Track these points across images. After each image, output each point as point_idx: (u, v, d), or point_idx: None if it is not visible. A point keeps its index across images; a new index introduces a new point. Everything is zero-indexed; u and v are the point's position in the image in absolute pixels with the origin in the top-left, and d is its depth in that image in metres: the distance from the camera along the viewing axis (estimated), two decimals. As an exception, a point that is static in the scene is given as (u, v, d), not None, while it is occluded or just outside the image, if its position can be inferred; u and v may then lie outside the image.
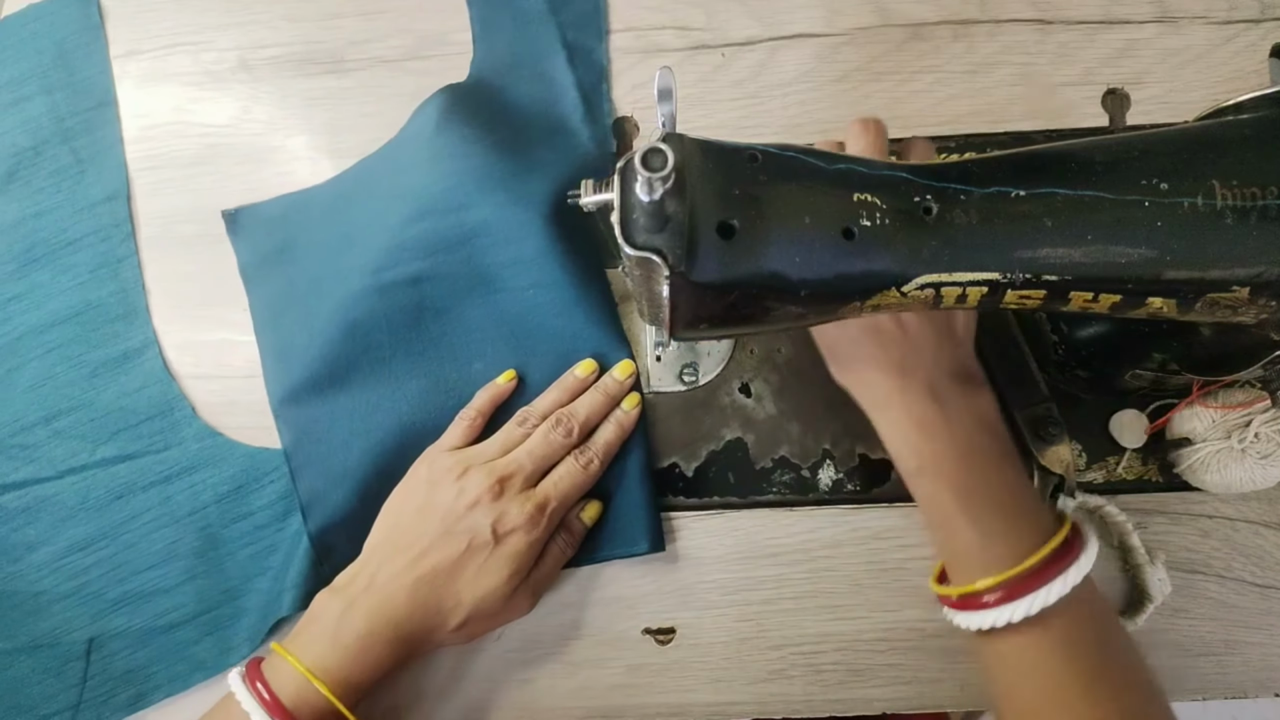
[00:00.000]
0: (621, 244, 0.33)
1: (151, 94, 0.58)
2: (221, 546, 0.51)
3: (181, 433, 0.53)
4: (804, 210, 0.33)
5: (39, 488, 0.52)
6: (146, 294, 0.55)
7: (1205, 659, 0.48)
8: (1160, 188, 0.33)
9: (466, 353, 0.52)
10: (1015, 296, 0.35)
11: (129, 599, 0.50)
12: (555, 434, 0.47)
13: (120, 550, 0.51)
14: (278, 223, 0.55)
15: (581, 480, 0.48)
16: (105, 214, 0.56)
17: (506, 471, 0.46)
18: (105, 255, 0.55)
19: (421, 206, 0.52)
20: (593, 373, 0.51)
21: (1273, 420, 0.45)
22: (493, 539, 0.44)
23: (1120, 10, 0.55)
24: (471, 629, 0.46)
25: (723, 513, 0.51)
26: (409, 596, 0.44)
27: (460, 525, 0.45)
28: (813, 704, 0.49)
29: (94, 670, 0.50)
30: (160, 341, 0.54)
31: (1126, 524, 0.48)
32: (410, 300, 0.52)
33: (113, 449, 0.52)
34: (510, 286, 0.52)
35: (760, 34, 0.56)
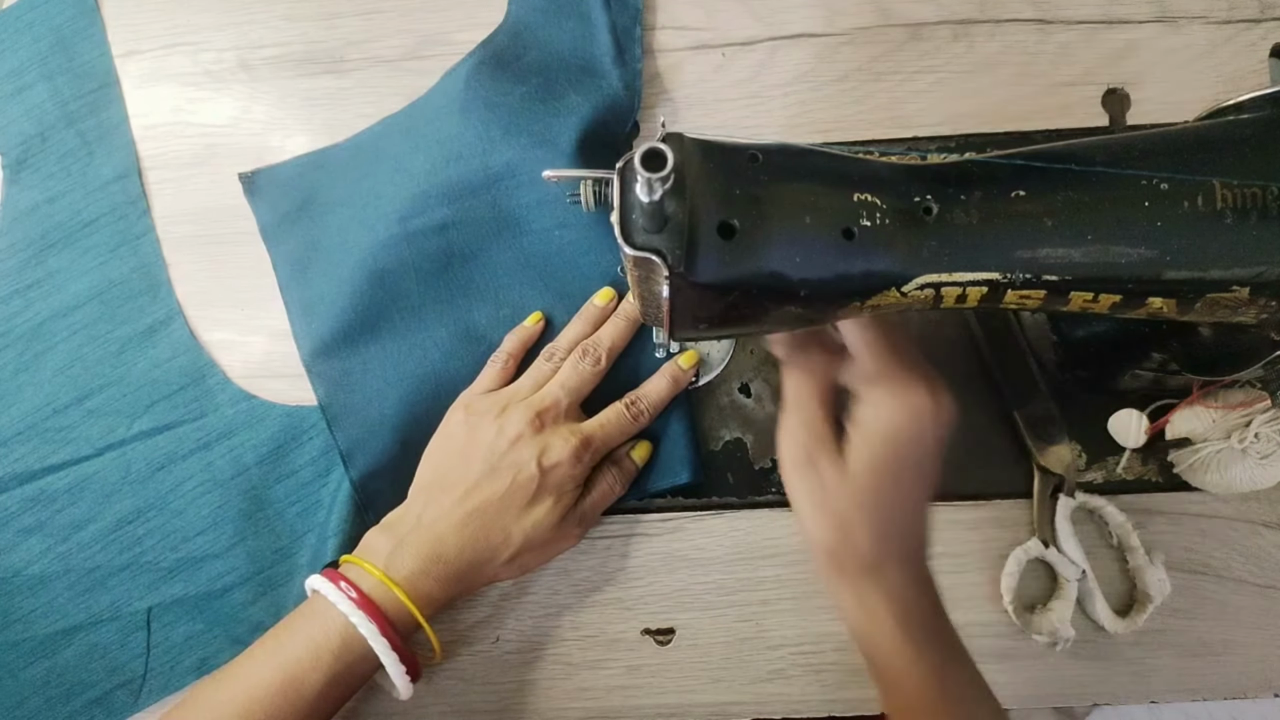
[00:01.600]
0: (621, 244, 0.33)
1: (150, 94, 0.58)
2: (268, 507, 0.51)
3: (216, 398, 0.53)
4: (804, 210, 0.33)
5: (79, 467, 0.52)
6: (167, 267, 0.55)
7: (1205, 659, 0.48)
8: (1160, 188, 0.33)
9: (495, 297, 0.52)
10: (1015, 296, 0.35)
11: (183, 566, 0.51)
12: (584, 364, 0.48)
13: (169, 519, 0.51)
14: (296, 181, 0.55)
15: (629, 427, 0.48)
16: (118, 192, 0.56)
17: (543, 405, 0.46)
18: (123, 233, 0.56)
19: (448, 153, 0.52)
20: (612, 300, 0.51)
21: (1273, 420, 0.45)
22: (538, 472, 0.45)
23: (1120, 10, 0.55)
24: (523, 561, 0.46)
25: (722, 513, 0.51)
26: (458, 534, 0.44)
27: (504, 461, 0.45)
28: (812, 704, 0.49)
29: (156, 639, 0.50)
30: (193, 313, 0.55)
31: (1126, 524, 0.48)
32: (438, 247, 0.52)
33: (149, 421, 0.53)
34: (536, 228, 0.52)
35: (760, 34, 0.56)
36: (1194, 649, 0.48)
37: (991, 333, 0.50)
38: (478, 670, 0.50)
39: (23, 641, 0.50)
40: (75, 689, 0.50)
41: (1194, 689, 0.48)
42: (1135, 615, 0.47)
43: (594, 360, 0.48)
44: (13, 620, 0.51)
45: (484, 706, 0.49)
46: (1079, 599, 0.47)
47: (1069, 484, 0.48)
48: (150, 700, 0.50)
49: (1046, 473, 0.48)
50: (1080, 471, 0.49)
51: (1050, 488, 0.48)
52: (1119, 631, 0.47)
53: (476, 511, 0.45)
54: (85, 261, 0.55)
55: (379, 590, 0.43)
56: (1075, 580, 0.47)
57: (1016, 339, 0.50)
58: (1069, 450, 0.48)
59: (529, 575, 0.50)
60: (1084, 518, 0.49)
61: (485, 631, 0.50)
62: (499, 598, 0.50)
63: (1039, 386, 0.49)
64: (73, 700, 0.50)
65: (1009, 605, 0.47)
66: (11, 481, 0.52)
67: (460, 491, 0.45)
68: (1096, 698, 0.48)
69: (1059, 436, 0.48)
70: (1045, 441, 0.48)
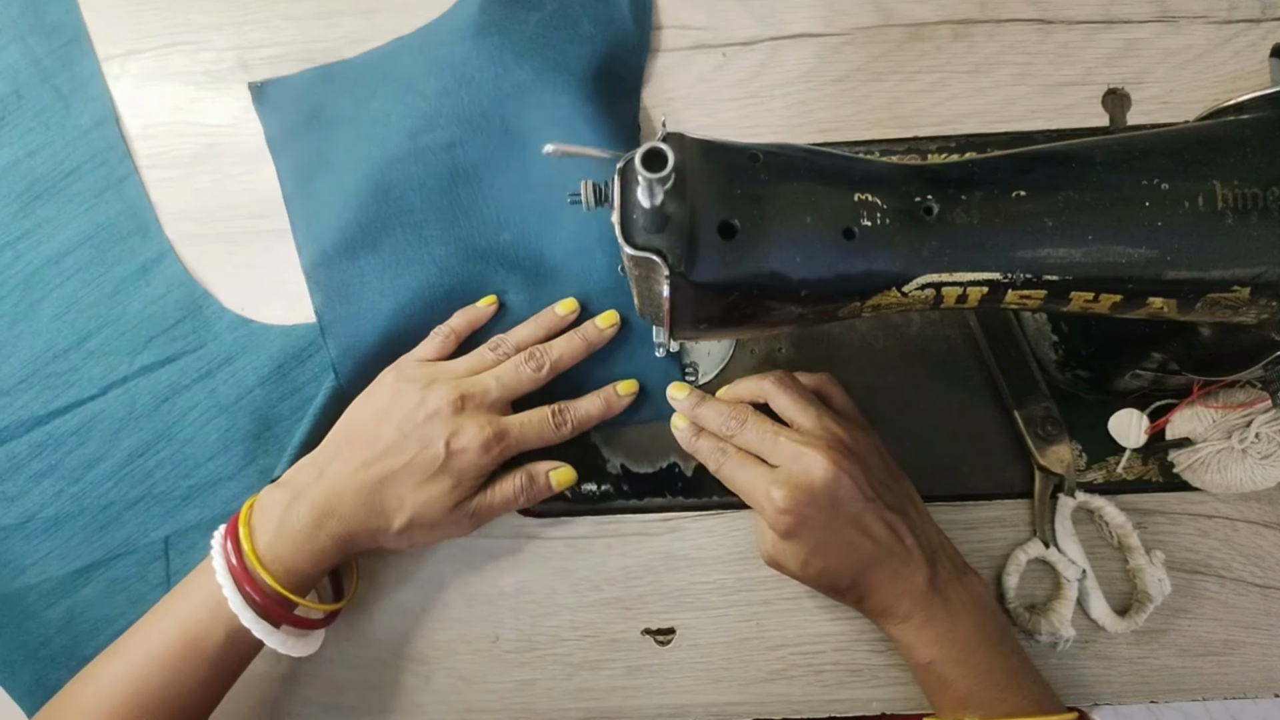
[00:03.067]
0: (621, 244, 0.33)
1: (150, 94, 0.58)
2: (275, 425, 0.52)
3: (214, 327, 0.54)
4: (805, 210, 0.33)
5: (85, 407, 0.53)
6: (154, 208, 0.56)
7: (1205, 659, 0.48)
8: (1161, 188, 0.33)
9: (495, 221, 0.53)
10: (1016, 296, 0.35)
11: (196, 492, 0.52)
12: (526, 367, 0.48)
13: (179, 448, 0.52)
14: (305, 94, 0.56)
15: (549, 434, 0.48)
16: (98, 139, 0.57)
17: (471, 390, 0.47)
18: (106, 178, 0.56)
19: (460, 76, 0.53)
20: (572, 312, 0.51)
21: (1273, 420, 0.45)
22: (444, 451, 0.45)
23: (1120, 10, 0.55)
24: (412, 535, 0.46)
25: (722, 513, 0.51)
26: (355, 493, 0.45)
27: (416, 432, 0.45)
28: (812, 704, 0.49)
29: (175, 567, 0.51)
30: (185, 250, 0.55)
31: (1126, 524, 0.48)
32: (444, 165, 0.53)
33: (149, 356, 0.54)
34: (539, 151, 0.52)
35: (761, 34, 0.56)
36: (1194, 649, 0.48)
37: (991, 333, 0.50)
38: (478, 670, 0.50)
39: (42, 583, 0.51)
40: (99, 624, 0.51)
41: (1194, 689, 0.48)
42: (1135, 615, 0.47)
43: (536, 366, 0.48)
44: (31, 563, 0.52)
45: (484, 706, 0.49)
46: (1079, 599, 0.47)
47: (1069, 484, 0.48)
48: None
49: (1047, 473, 0.48)
50: (1080, 471, 0.49)
51: (1050, 488, 0.48)
52: (1119, 631, 0.47)
53: (377, 475, 0.45)
54: (72, 209, 0.56)
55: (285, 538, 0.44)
56: (1075, 580, 0.47)
57: (1016, 339, 0.50)
58: (1069, 450, 0.48)
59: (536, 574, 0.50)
60: (1084, 518, 0.49)
61: (485, 631, 0.50)
62: (498, 596, 0.50)
63: (1039, 386, 0.49)
64: (97, 636, 0.51)
65: (1010, 605, 0.47)
66: (19, 428, 0.53)
67: (368, 453, 0.45)
68: (1096, 698, 0.48)
69: (1059, 436, 0.48)
70: (1045, 441, 0.48)
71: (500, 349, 0.49)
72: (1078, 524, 0.48)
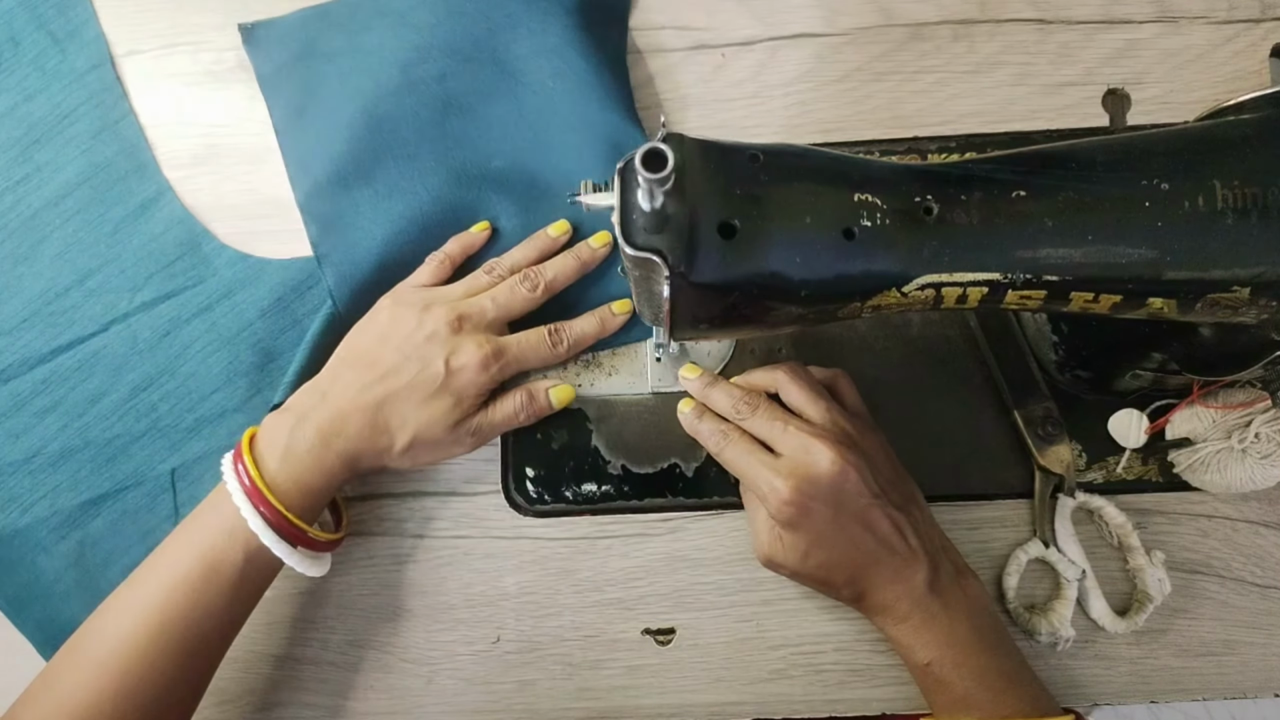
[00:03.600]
0: (621, 244, 0.33)
1: (150, 94, 0.58)
2: (278, 357, 0.53)
3: (213, 263, 0.54)
4: (805, 210, 0.33)
5: (87, 344, 0.54)
6: (151, 148, 0.56)
7: (1205, 659, 0.48)
8: (1161, 188, 0.33)
9: (487, 149, 0.54)
10: (1016, 297, 0.35)
11: (202, 424, 0.52)
12: (521, 287, 0.49)
13: (183, 382, 0.53)
14: (295, 32, 0.56)
15: (546, 354, 0.49)
16: (94, 81, 0.57)
17: (468, 311, 0.48)
18: (103, 119, 0.57)
19: (451, 7, 0.54)
20: (565, 233, 0.52)
21: (1273, 420, 0.45)
22: (444, 369, 0.46)
23: (1120, 10, 0.55)
24: (415, 455, 0.47)
25: (722, 513, 0.51)
26: (359, 413, 0.45)
27: (416, 353, 0.46)
28: (812, 704, 0.49)
29: (183, 499, 0.52)
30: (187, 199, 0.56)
31: (1126, 524, 0.48)
32: (436, 97, 0.53)
33: (150, 292, 0.54)
34: (532, 79, 0.54)
35: (760, 34, 0.56)
36: (1194, 649, 0.48)
37: (991, 333, 0.50)
38: (478, 670, 0.50)
39: (51, 516, 0.52)
40: (110, 556, 0.51)
41: (1194, 689, 0.48)
42: (1135, 615, 0.47)
43: (531, 286, 0.49)
44: (39, 497, 0.52)
45: (484, 706, 0.49)
46: (1079, 599, 0.47)
47: (1069, 484, 0.48)
48: None
49: (1046, 473, 0.48)
50: (1080, 471, 0.49)
51: (1050, 488, 0.48)
52: (1119, 631, 0.47)
53: (379, 396, 0.45)
54: (70, 151, 0.56)
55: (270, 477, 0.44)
56: (1075, 580, 0.47)
57: (1016, 339, 0.50)
58: (1069, 450, 0.48)
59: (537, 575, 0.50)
60: (1084, 518, 0.49)
61: (485, 631, 0.50)
62: (499, 597, 0.50)
63: (1039, 386, 0.49)
64: (109, 569, 0.51)
65: (1010, 605, 0.47)
66: (21, 367, 0.54)
67: (369, 375, 0.46)
68: (1096, 698, 0.48)
69: (1059, 436, 0.48)
70: (1045, 441, 0.48)
71: (495, 271, 0.50)
72: (1078, 524, 0.48)
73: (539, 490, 0.51)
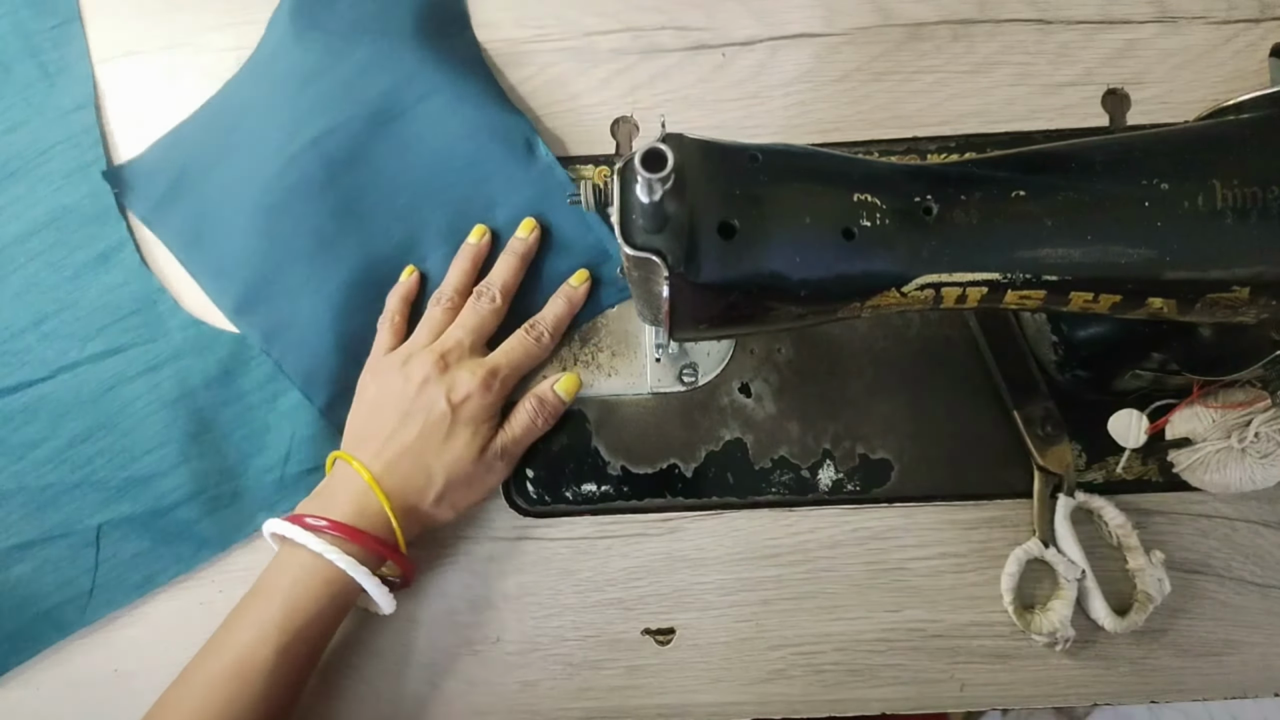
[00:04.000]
0: (621, 244, 0.33)
1: (150, 95, 0.58)
2: (215, 429, 0.52)
3: (166, 323, 0.54)
4: (804, 210, 0.33)
5: (34, 388, 0.53)
6: (118, 194, 0.56)
7: (1205, 659, 0.48)
8: (1160, 188, 0.33)
9: (388, 189, 0.53)
10: (1015, 296, 0.35)
11: (131, 484, 0.52)
12: (481, 304, 0.50)
13: (119, 438, 0.52)
14: (162, 163, 0.56)
15: (533, 350, 0.50)
16: (75, 122, 0.57)
17: (445, 347, 0.48)
18: (77, 160, 0.56)
19: (300, 78, 0.54)
20: (484, 235, 0.52)
21: (1273, 420, 0.45)
22: (449, 408, 0.46)
23: (1120, 10, 0.55)
24: (453, 499, 0.47)
25: (722, 513, 0.51)
26: (385, 483, 0.45)
27: (415, 405, 0.46)
28: (812, 704, 0.49)
29: (105, 555, 0.51)
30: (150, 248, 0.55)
31: (1126, 525, 0.48)
32: (319, 162, 0.53)
33: (100, 344, 0.54)
34: (400, 110, 0.53)
35: (760, 34, 0.56)
36: (1194, 649, 0.48)
37: (991, 333, 0.50)
38: (478, 670, 0.50)
39: None
40: (26, 602, 0.51)
41: (1194, 689, 0.48)
42: (1135, 615, 0.47)
43: (490, 299, 0.49)
44: None
45: (487, 708, 0.49)
46: (1079, 599, 0.47)
47: (1068, 483, 0.48)
48: (96, 615, 0.51)
49: (1046, 473, 0.48)
50: (1080, 471, 0.49)
51: (1050, 488, 0.48)
52: (1118, 631, 0.47)
53: (396, 457, 0.46)
54: (42, 189, 0.56)
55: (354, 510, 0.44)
56: (1075, 580, 0.47)
57: (1016, 339, 0.50)
58: (1068, 450, 0.48)
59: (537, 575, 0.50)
60: (1084, 518, 0.49)
61: (485, 631, 0.50)
62: (499, 598, 0.50)
63: (1039, 386, 0.49)
64: (24, 613, 0.51)
65: (1009, 605, 0.47)
66: None
67: (378, 443, 0.46)
68: (1096, 698, 0.48)
69: (1058, 437, 0.48)
70: (1045, 442, 0.49)
71: (442, 301, 0.50)
72: (1077, 524, 0.48)
73: (539, 491, 0.51)
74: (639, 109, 0.55)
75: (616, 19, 0.57)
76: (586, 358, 0.52)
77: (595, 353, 0.53)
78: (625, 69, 0.56)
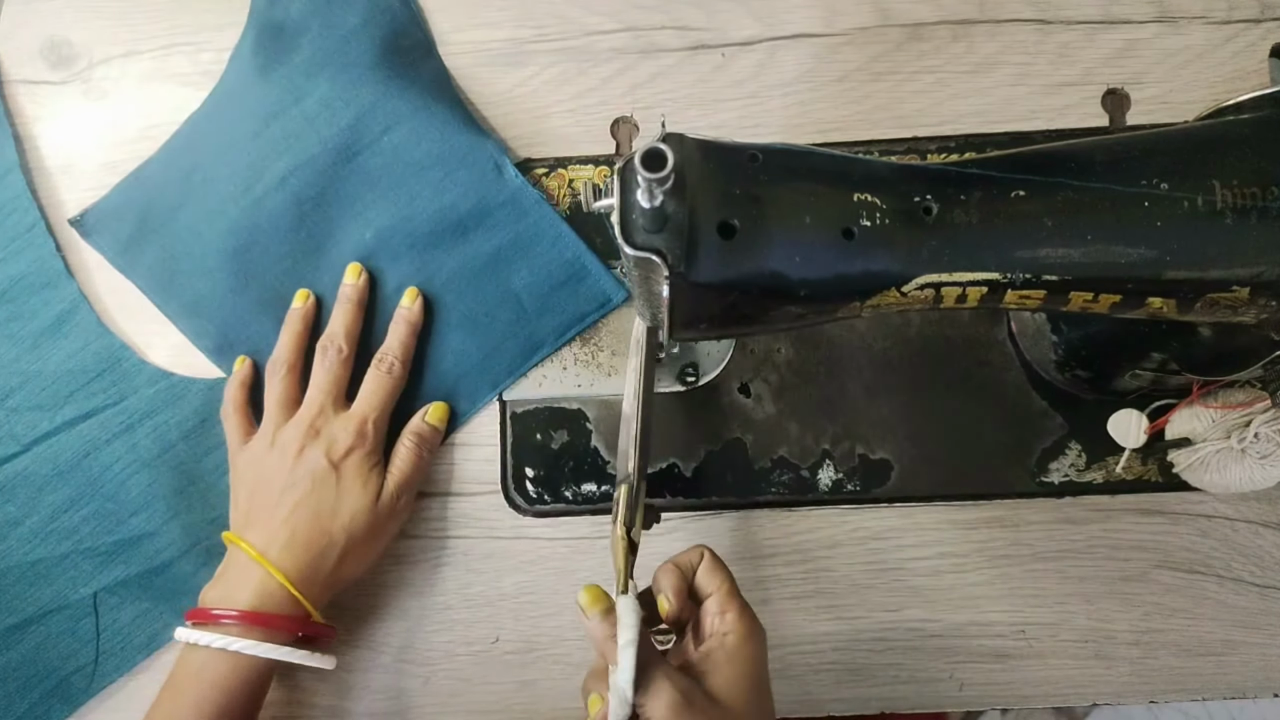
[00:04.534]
0: (621, 244, 0.33)
1: (150, 95, 0.58)
2: (199, 480, 0.52)
3: (134, 380, 0.53)
4: (804, 210, 0.33)
5: (9, 465, 0.52)
6: (63, 254, 0.55)
7: (1205, 659, 0.48)
8: (1160, 188, 0.33)
9: (356, 225, 0.53)
10: (1015, 296, 0.35)
11: (122, 548, 0.51)
12: (327, 359, 0.49)
13: (103, 503, 0.52)
14: (127, 205, 0.55)
15: (390, 384, 0.49)
16: (4, 188, 0.55)
17: (309, 413, 0.48)
18: (14, 228, 0.55)
19: (263, 114, 0.54)
20: (359, 274, 0.52)
21: (1273, 420, 0.44)
22: (331, 466, 0.46)
23: (1120, 10, 0.55)
24: (359, 554, 0.47)
25: (721, 513, 0.51)
26: (286, 555, 0.45)
27: (298, 474, 0.46)
28: (812, 704, 0.49)
29: (105, 623, 0.51)
30: (152, 344, 0.54)
31: None
32: (287, 201, 0.53)
33: (71, 411, 0.53)
34: (365, 144, 0.53)
35: (760, 34, 0.56)
36: (1194, 649, 0.48)
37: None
38: (478, 670, 0.50)
39: None
40: (30, 682, 0.50)
41: (1194, 689, 0.48)
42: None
43: (336, 351, 0.49)
44: None
45: (484, 706, 0.49)
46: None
47: None
48: (105, 681, 0.50)
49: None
50: (1080, 471, 0.49)
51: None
52: None
53: (291, 531, 0.45)
54: None
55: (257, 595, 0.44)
56: None
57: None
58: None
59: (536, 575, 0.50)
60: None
61: (485, 631, 0.50)
62: (498, 598, 0.50)
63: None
64: (29, 693, 0.50)
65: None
66: None
67: (270, 522, 0.46)
68: (1096, 698, 0.48)
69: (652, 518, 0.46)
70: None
71: (280, 371, 0.50)
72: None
73: (538, 490, 0.51)
74: (639, 109, 0.55)
75: (616, 19, 0.57)
76: (586, 358, 0.52)
77: (595, 353, 0.53)
78: (625, 69, 0.56)
